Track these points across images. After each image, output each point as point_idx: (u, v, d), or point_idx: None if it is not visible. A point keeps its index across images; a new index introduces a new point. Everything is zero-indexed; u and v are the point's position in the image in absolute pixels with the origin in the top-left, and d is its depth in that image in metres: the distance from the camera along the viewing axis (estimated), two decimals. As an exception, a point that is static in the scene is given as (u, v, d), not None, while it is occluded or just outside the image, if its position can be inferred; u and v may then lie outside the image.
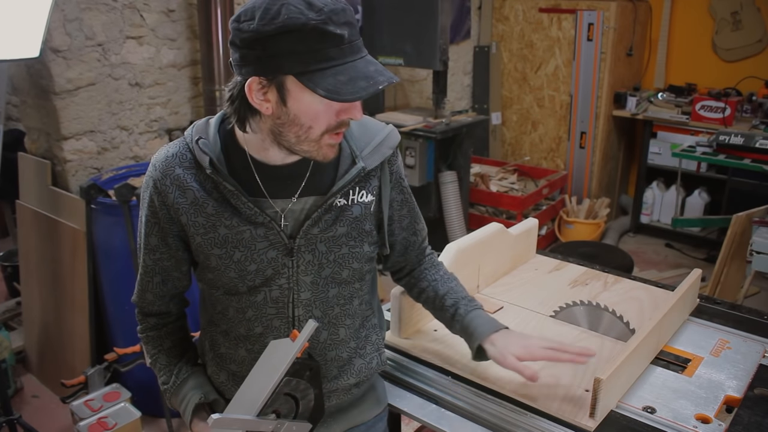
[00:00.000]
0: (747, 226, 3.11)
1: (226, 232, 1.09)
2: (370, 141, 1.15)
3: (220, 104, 2.98)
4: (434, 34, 3.59)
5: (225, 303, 1.15)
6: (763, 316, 1.60)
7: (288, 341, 1.01)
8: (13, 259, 3.19)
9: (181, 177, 1.09)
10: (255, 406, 0.98)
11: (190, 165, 1.09)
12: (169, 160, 1.10)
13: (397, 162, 1.22)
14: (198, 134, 1.10)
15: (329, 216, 1.12)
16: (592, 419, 1.17)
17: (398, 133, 1.20)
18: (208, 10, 2.87)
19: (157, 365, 1.24)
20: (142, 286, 1.20)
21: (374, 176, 1.16)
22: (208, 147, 1.08)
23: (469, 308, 1.27)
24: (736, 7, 4.25)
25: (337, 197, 1.11)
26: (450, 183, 3.90)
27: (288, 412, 1.04)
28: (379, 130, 1.18)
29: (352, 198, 1.13)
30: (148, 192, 1.12)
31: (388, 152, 1.16)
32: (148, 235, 1.14)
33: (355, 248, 1.15)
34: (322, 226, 1.11)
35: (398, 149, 1.22)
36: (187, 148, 1.10)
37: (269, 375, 0.99)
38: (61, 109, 2.67)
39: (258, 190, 1.09)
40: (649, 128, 4.39)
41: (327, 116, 1.01)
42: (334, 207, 1.12)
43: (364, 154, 1.14)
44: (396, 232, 1.26)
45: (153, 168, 1.11)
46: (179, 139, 1.14)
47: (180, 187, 1.09)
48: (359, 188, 1.14)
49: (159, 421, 2.62)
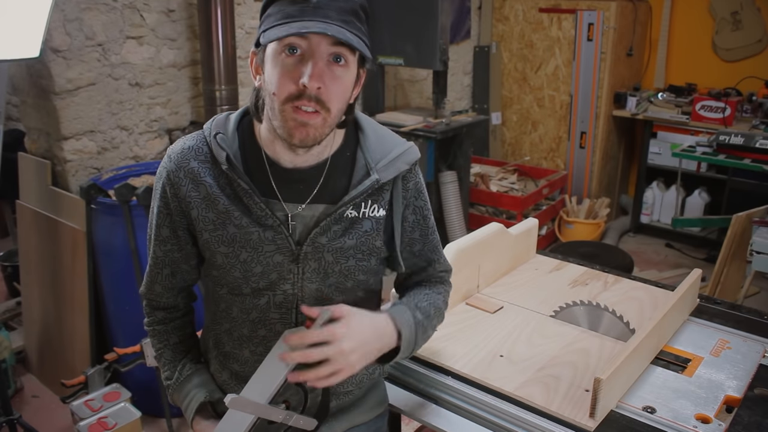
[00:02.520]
0: (747, 226, 3.11)
1: (235, 231, 1.08)
2: (386, 154, 1.13)
3: (221, 104, 2.98)
4: (434, 34, 3.59)
5: (229, 302, 1.15)
6: (763, 316, 1.60)
7: (303, 329, 1.01)
8: (13, 259, 3.19)
9: (196, 170, 1.08)
10: (268, 392, 0.98)
11: (206, 159, 1.09)
12: (185, 153, 1.10)
13: (414, 180, 1.18)
14: (217, 129, 1.09)
15: (338, 227, 1.10)
16: (592, 419, 1.17)
17: (418, 151, 1.18)
18: (208, 10, 2.87)
19: (161, 360, 1.24)
20: (151, 277, 1.20)
21: (387, 190, 1.14)
22: (226, 143, 1.08)
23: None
24: (736, 7, 4.25)
25: (348, 208, 1.10)
26: (450, 183, 3.90)
27: (297, 405, 1.04)
28: (397, 144, 1.16)
29: (363, 211, 1.12)
30: (161, 183, 1.12)
31: (404, 167, 1.14)
32: (160, 227, 1.14)
33: (362, 261, 1.14)
34: (331, 236, 1.10)
35: (419, 170, 1.20)
36: (204, 142, 1.10)
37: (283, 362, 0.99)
38: (61, 109, 2.67)
39: (271, 191, 1.09)
40: (649, 128, 4.39)
41: (284, 80, 0.99)
42: (344, 218, 1.10)
43: (379, 166, 1.12)
44: (404, 255, 1.21)
45: (168, 159, 1.11)
46: (197, 132, 1.13)
47: (194, 180, 1.08)
48: (371, 201, 1.12)
49: (159, 421, 2.62)
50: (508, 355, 1.39)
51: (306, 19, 0.97)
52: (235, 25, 3.01)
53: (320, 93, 0.99)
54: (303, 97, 0.99)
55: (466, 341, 1.45)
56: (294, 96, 0.99)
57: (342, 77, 1.02)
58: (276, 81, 1.00)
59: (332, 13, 0.98)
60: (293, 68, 0.99)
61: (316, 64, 0.99)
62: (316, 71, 0.98)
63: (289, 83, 0.99)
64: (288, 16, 0.98)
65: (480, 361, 1.37)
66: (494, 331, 1.49)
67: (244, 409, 0.97)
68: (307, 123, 1.00)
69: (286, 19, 0.97)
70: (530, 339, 1.46)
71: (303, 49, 0.99)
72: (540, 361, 1.36)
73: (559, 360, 1.37)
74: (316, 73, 0.98)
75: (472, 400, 1.28)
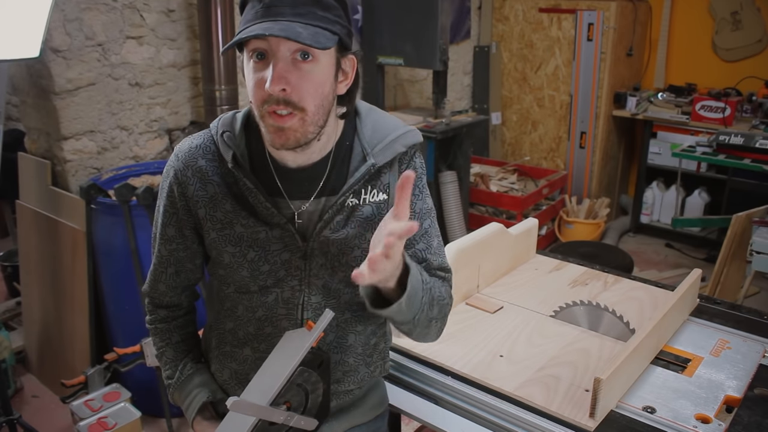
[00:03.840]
0: (747, 226, 3.11)
1: (242, 231, 1.08)
2: (383, 138, 1.12)
3: (221, 104, 2.98)
4: (434, 34, 3.58)
5: (235, 300, 1.15)
6: (763, 316, 1.60)
7: (304, 330, 1.01)
8: (13, 259, 3.19)
9: (204, 169, 1.08)
10: (269, 393, 0.98)
11: (214, 158, 1.09)
12: (193, 151, 1.09)
13: (412, 165, 1.15)
14: (224, 128, 1.09)
15: (340, 216, 1.10)
16: (592, 419, 1.17)
17: (418, 135, 1.15)
18: (208, 10, 2.87)
19: (163, 358, 1.24)
20: (155, 276, 1.20)
21: (386, 173, 1.12)
22: (234, 141, 1.07)
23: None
24: (736, 7, 4.25)
25: (348, 196, 1.09)
26: (450, 183, 3.90)
27: (298, 405, 1.05)
28: (394, 128, 1.14)
29: (363, 197, 1.10)
30: (168, 181, 1.11)
31: (401, 149, 1.11)
32: (165, 226, 1.14)
33: (367, 251, 1.11)
34: (334, 227, 1.09)
35: (420, 156, 1.17)
36: (211, 140, 1.10)
37: (285, 363, 0.99)
38: (61, 109, 2.67)
39: (277, 190, 1.08)
40: (649, 128, 4.39)
41: (256, 87, 0.98)
42: (345, 207, 1.10)
43: (375, 151, 1.10)
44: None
45: (175, 158, 1.11)
46: (204, 130, 1.13)
47: (201, 179, 1.08)
48: (371, 186, 1.11)
49: (159, 421, 2.62)
50: (508, 355, 1.39)
51: (257, 22, 0.95)
52: (235, 25, 3.01)
53: (287, 95, 0.97)
54: (272, 101, 0.98)
55: (466, 341, 1.45)
56: (265, 101, 0.98)
57: (311, 72, 0.98)
58: (251, 88, 1.00)
59: (285, 8, 0.95)
60: (261, 73, 0.98)
61: (276, 65, 0.96)
62: (276, 74, 0.96)
63: (259, 89, 0.98)
64: (247, 21, 0.97)
65: (480, 361, 1.37)
66: (494, 331, 1.50)
67: (246, 412, 0.97)
68: (283, 127, 0.98)
69: (245, 25, 0.97)
70: (530, 339, 1.46)
71: (268, 53, 0.97)
72: (540, 361, 1.36)
73: (559, 360, 1.37)
74: (277, 75, 0.96)
75: (472, 400, 1.28)
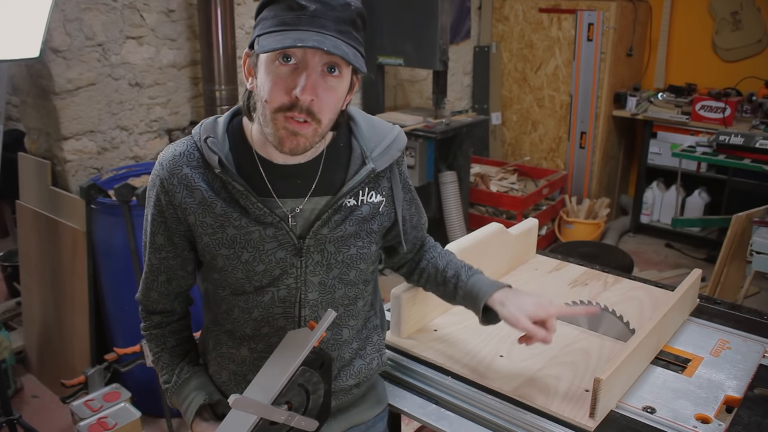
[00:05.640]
0: (747, 226, 3.11)
1: (235, 233, 1.08)
2: (380, 142, 1.15)
3: (220, 104, 2.98)
4: (434, 34, 3.59)
5: (231, 303, 1.15)
6: (763, 316, 1.60)
7: (306, 330, 1.01)
8: (13, 259, 3.19)
9: (189, 176, 1.08)
10: (271, 392, 0.98)
11: (198, 164, 1.08)
12: (177, 159, 1.09)
13: (404, 162, 1.24)
14: (206, 133, 1.09)
15: (338, 216, 1.12)
16: (592, 419, 1.17)
17: (405, 135, 1.21)
18: (208, 10, 2.87)
19: (159, 363, 1.24)
20: (146, 284, 1.20)
21: (383, 177, 1.17)
22: (217, 146, 1.07)
23: (470, 274, 1.28)
24: (736, 7, 4.25)
25: (347, 198, 1.12)
26: (450, 183, 3.90)
27: (299, 406, 1.05)
28: (388, 131, 1.18)
29: (361, 198, 1.14)
30: (155, 191, 1.11)
31: (397, 154, 1.17)
32: (154, 234, 1.14)
33: (363, 249, 1.16)
34: (331, 226, 1.11)
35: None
36: (194, 147, 1.09)
37: (287, 362, 0.99)
38: (61, 109, 2.67)
39: (266, 189, 1.09)
40: (649, 128, 4.39)
41: (277, 89, 0.98)
42: (343, 207, 1.12)
43: (374, 155, 1.14)
44: (408, 231, 1.28)
45: (160, 166, 1.10)
46: (186, 137, 1.13)
47: (188, 186, 1.08)
48: (369, 189, 1.15)
49: (159, 421, 2.62)
50: (508, 356, 1.39)
51: (302, 29, 0.95)
52: (235, 25, 3.01)
53: (312, 105, 0.98)
54: (295, 108, 0.98)
55: (466, 341, 1.45)
56: (286, 107, 0.98)
57: (335, 88, 1.01)
58: (269, 89, 0.99)
59: (329, 23, 0.96)
60: (287, 78, 0.98)
61: (310, 75, 0.97)
62: (309, 83, 0.97)
63: (281, 93, 0.98)
64: (283, 24, 0.96)
65: (480, 361, 1.37)
66: (494, 331, 1.49)
67: (247, 410, 0.97)
68: (298, 133, 1.00)
69: (281, 26, 0.96)
70: (530, 339, 1.46)
71: (297, 59, 0.98)
72: (540, 361, 1.36)
73: (559, 360, 1.37)
74: (310, 85, 0.97)
75: (472, 401, 1.28)
